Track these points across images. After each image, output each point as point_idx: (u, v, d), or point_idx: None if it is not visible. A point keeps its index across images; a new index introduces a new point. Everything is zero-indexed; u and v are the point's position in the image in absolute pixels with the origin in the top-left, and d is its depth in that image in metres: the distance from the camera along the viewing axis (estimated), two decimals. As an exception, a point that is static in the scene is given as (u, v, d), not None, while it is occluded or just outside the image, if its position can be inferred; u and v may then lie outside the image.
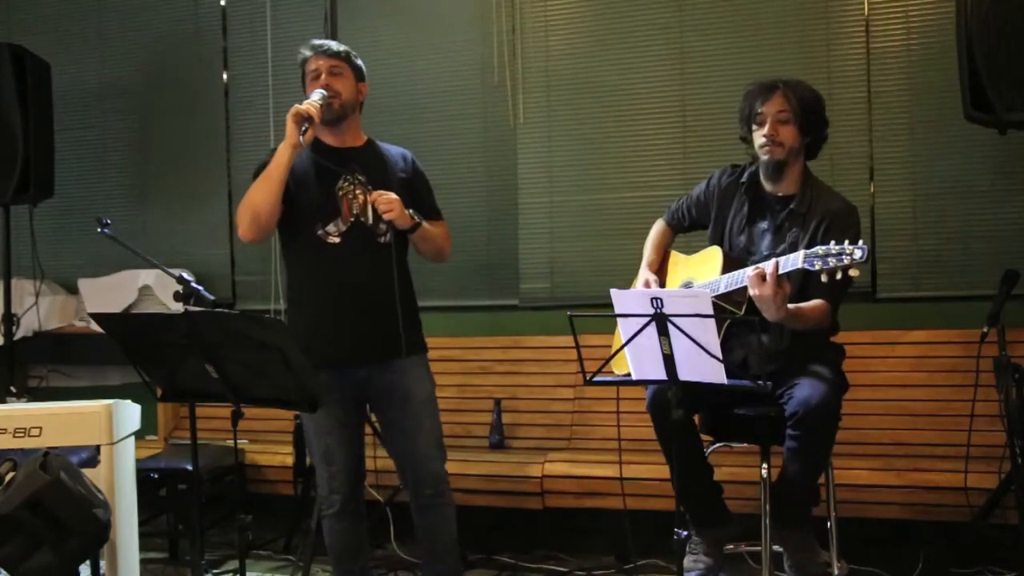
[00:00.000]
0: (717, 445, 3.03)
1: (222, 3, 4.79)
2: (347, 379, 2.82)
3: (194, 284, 3.11)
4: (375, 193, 2.78)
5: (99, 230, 3.24)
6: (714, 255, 2.90)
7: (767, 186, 2.88)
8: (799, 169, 2.87)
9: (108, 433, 2.87)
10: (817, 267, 2.50)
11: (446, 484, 2.90)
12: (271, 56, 4.65)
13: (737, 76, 3.42)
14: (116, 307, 4.50)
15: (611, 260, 4.16)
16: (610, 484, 3.47)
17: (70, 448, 2.87)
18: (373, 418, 3.11)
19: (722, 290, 2.74)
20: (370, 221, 2.81)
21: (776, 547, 2.81)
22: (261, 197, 2.74)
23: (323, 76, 2.83)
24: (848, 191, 3.58)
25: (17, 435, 2.83)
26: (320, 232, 2.81)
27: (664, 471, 3.01)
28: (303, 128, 2.70)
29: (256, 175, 2.82)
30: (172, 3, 4.87)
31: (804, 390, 2.64)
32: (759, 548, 2.82)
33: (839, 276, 2.51)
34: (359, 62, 2.93)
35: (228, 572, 3.73)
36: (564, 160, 4.31)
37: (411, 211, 2.82)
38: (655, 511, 3.33)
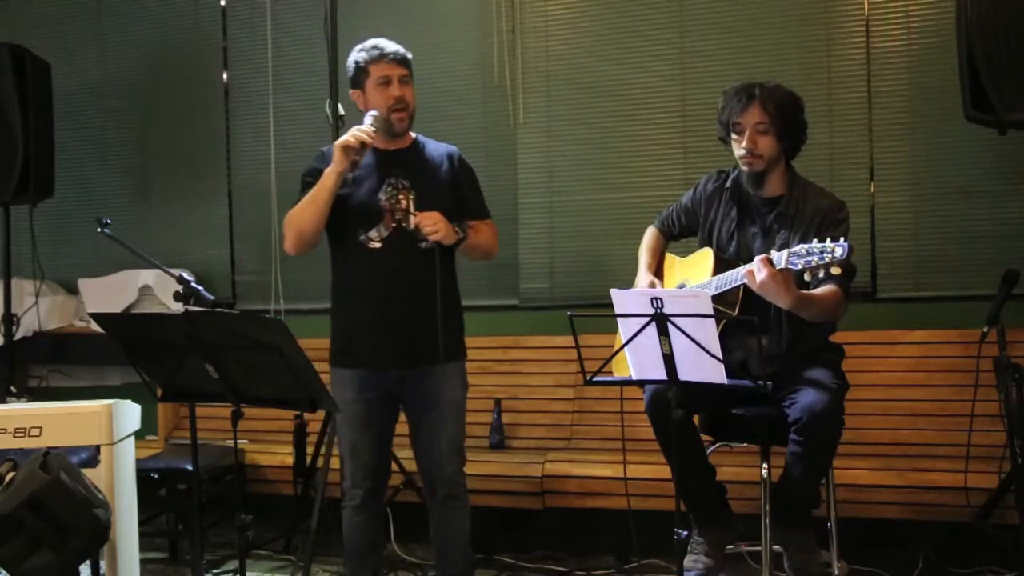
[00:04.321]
0: (717, 445, 3.03)
1: (222, 3, 4.79)
2: (382, 380, 2.82)
3: (194, 284, 3.12)
4: (419, 215, 2.73)
5: (99, 230, 3.25)
6: (706, 257, 2.90)
7: (751, 189, 2.88)
8: (782, 171, 2.86)
9: (108, 433, 2.87)
10: (800, 266, 2.50)
11: (461, 487, 2.90)
12: (271, 56, 4.65)
13: (737, 76, 3.40)
14: (116, 307, 4.50)
15: (611, 260, 4.16)
16: (610, 484, 3.48)
17: (70, 448, 2.86)
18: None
19: (714, 291, 2.73)
20: (411, 226, 2.77)
21: (776, 547, 2.81)
22: (307, 219, 2.74)
23: (394, 85, 2.76)
24: (848, 191, 3.60)
25: (17, 435, 2.83)
26: (362, 237, 2.79)
27: (664, 471, 3.01)
28: (353, 159, 2.66)
29: (303, 183, 2.81)
30: (172, 3, 4.87)
31: (808, 396, 2.63)
32: (759, 548, 2.82)
33: (822, 275, 2.52)
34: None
35: (228, 572, 3.73)
36: (564, 160, 4.31)
37: (456, 225, 2.77)
38: (655, 511, 3.33)
